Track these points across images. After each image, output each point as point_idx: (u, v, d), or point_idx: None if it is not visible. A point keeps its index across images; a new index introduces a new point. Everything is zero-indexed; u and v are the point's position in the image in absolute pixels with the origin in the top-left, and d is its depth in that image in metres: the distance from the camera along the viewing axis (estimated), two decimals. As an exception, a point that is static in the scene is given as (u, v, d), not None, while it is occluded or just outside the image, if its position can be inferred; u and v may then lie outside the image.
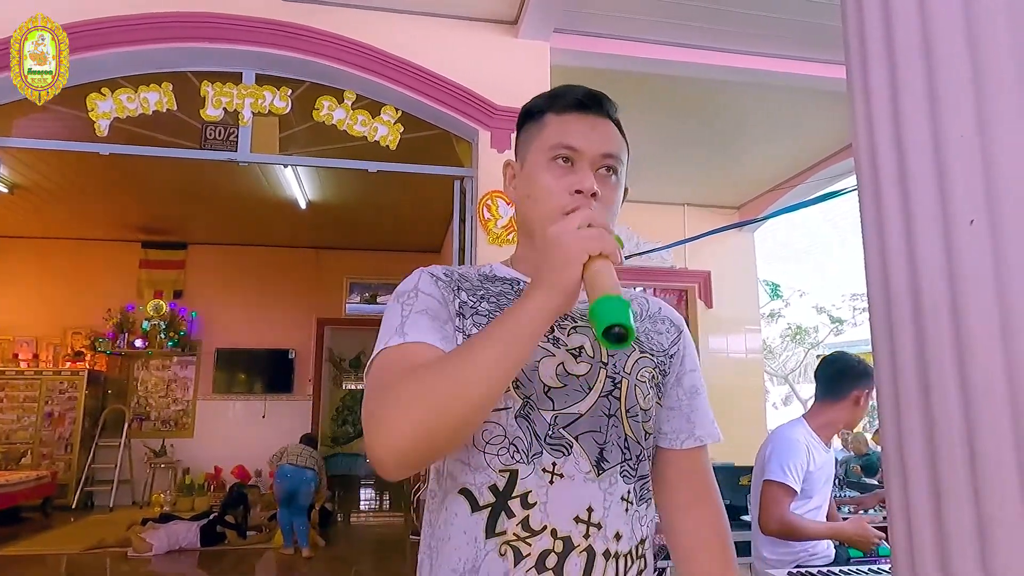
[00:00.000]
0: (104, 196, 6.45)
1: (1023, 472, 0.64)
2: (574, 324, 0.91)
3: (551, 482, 0.81)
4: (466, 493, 0.83)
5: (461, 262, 3.56)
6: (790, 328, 14.29)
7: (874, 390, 2.24)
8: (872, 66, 0.83)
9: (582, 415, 0.85)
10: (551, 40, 3.63)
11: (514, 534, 0.80)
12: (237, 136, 3.41)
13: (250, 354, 8.06)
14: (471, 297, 0.90)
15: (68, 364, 7.54)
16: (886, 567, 1.92)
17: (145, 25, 3.22)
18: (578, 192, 0.89)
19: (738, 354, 6.46)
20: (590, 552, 0.81)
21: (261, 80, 3.43)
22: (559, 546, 0.80)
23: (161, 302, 7.80)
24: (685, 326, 1.04)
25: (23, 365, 7.53)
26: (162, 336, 7.68)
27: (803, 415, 2.41)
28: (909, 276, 0.76)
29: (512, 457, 0.82)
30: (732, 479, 3.16)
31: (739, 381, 6.36)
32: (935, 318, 0.73)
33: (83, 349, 7.62)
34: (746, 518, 2.99)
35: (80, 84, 3.20)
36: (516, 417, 0.83)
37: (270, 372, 8.11)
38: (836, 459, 4.20)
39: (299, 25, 3.35)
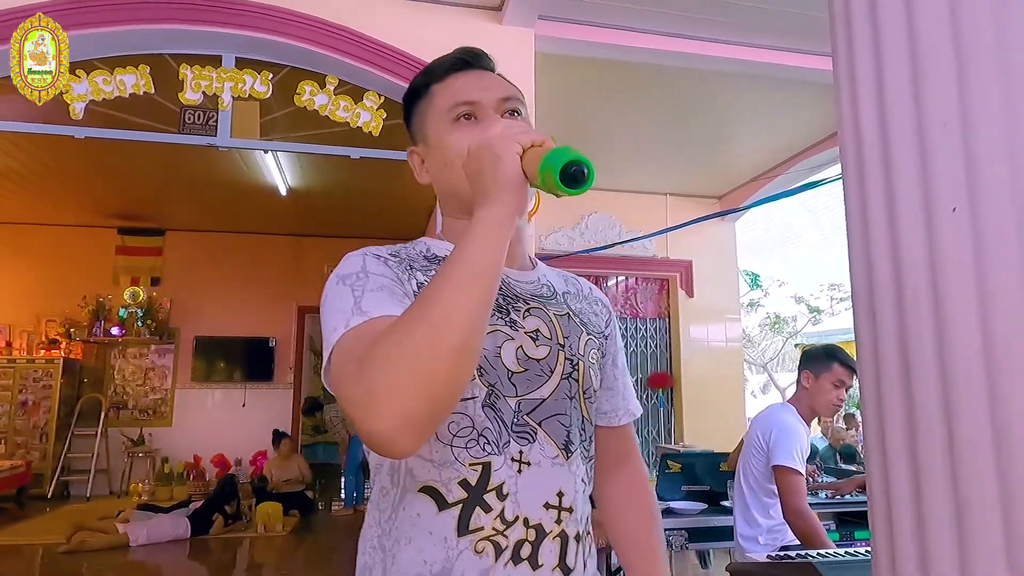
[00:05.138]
0: (79, 181, 6.32)
1: (999, 455, 0.66)
2: (528, 306, 0.88)
3: (519, 471, 0.80)
4: (430, 491, 0.79)
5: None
6: (769, 317, 14.47)
7: (829, 374, 2.39)
8: (858, 55, 0.83)
9: (545, 399, 0.84)
10: (535, 27, 3.61)
11: (493, 528, 0.77)
12: (217, 120, 3.35)
13: (229, 342, 7.98)
14: (427, 278, 0.84)
15: (43, 352, 7.40)
16: (863, 550, 1.97)
17: (121, 5, 3.14)
18: None
19: (718, 343, 6.53)
20: (563, 537, 0.81)
21: (241, 64, 3.38)
22: (532, 534, 0.79)
23: (138, 289, 7.66)
24: (611, 304, 1.07)
25: (-4, 353, 7.39)
26: (139, 324, 7.56)
27: (789, 400, 2.60)
28: (892, 263, 0.77)
29: (483, 449, 0.79)
30: (712, 466, 3.20)
31: (719, 370, 6.44)
32: (916, 304, 0.74)
33: (58, 337, 7.48)
34: (726, 503, 3.03)
35: (54, 65, 3.13)
36: (483, 407, 0.80)
37: (250, 360, 8.04)
38: (816, 448, 4.28)
39: (280, 8, 3.29)
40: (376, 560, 0.82)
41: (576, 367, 0.88)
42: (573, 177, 0.65)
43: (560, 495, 0.81)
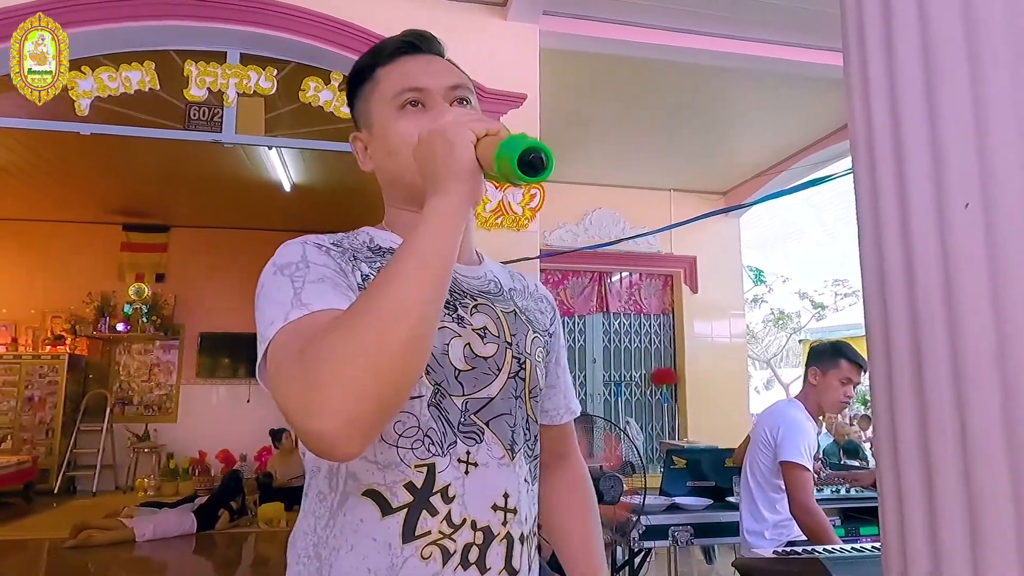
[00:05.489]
0: (84, 177, 6.33)
1: (1011, 448, 0.66)
2: (475, 302, 0.85)
3: (466, 472, 0.77)
4: (373, 495, 0.74)
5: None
6: (773, 313, 14.46)
7: (836, 371, 2.39)
8: (869, 48, 0.83)
9: (492, 399, 0.81)
10: (540, 23, 3.61)
11: (439, 532, 0.74)
12: (222, 117, 3.36)
13: (234, 338, 7.98)
14: (372, 269, 0.80)
15: (48, 348, 7.44)
16: (869, 546, 1.97)
17: (126, 1, 3.15)
18: None
19: (722, 339, 6.53)
20: (509, 539, 0.79)
21: (246, 60, 3.38)
22: (479, 537, 0.76)
23: (143, 285, 7.69)
24: (555, 302, 1.05)
25: (1, 349, 7.42)
26: (144, 320, 7.59)
27: (796, 396, 2.61)
28: (904, 259, 0.77)
29: (428, 450, 0.75)
30: (717, 461, 3.21)
31: (723, 365, 6.44)
32: (928, 301, 0.74)
33: (63, 333, 7.52)
34: (732, 499, 3.03)
35: (59, 62, 3.13)
36: (428, 406, 0.76)
37: (255, 356, 7.94)
38: (820, 444, 4.30)
39: (285, 4, 3.30)
40: (311, 570, 0.77)
41: (523, 365, 0.86)
42: (532, 164, 0.63)
43: (506, 496, 0.79)
